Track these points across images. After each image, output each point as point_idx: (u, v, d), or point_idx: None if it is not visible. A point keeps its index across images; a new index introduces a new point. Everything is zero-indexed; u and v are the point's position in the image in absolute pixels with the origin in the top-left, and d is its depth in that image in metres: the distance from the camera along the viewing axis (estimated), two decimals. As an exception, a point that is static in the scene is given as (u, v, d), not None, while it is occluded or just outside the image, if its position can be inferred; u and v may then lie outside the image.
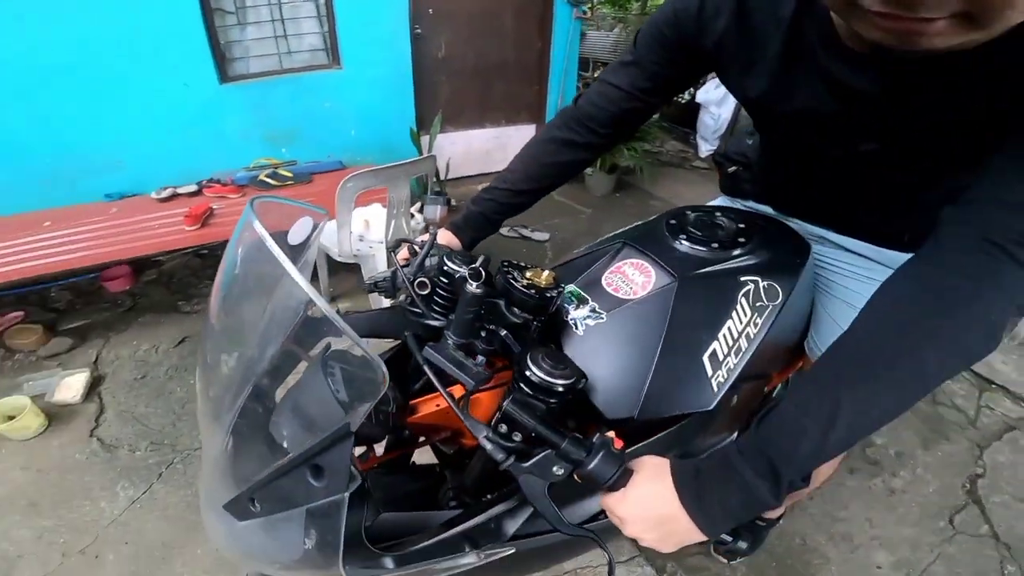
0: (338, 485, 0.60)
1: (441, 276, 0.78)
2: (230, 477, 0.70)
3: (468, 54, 3.75)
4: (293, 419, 0.68)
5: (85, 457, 1.96)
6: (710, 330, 0.80)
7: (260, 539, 0.69)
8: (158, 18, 2.81)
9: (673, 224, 0.95)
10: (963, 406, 2.23)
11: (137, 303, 2.83)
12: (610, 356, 0.80)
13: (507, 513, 0.76)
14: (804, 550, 1.66)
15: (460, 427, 0.85)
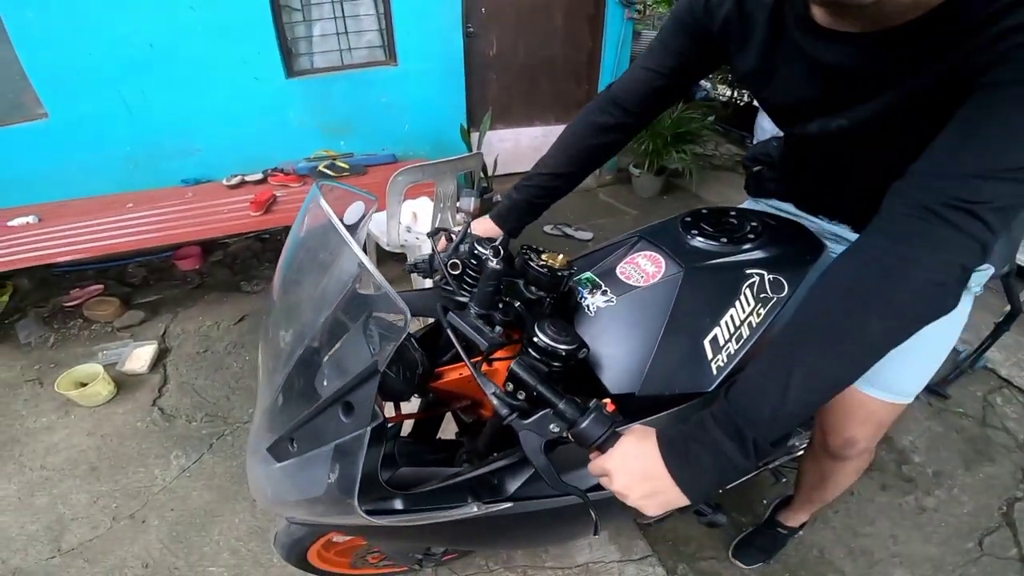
0: (363, 420, 0.70)
1: (471, 259, 0.87)
2: (277, 424, 0.83)
3: (519, 52, 3.77)
4: (334, 369, 0.79)
5: (145, 426, 2.13)
6: (713, 317, 0.86)
7: (292, 478, 0.80)
8: (234, 14, 2.99)
9: (688, 221, 1.01)
10: (1014, 430, 2.11)
11: (204, 281, 3.06)
12: (617, 336, 0.86)
13: (509, 471, 0.85)
14: (820, 562, 1.63)
15: (478, 396, 0.94)
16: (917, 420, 2.14)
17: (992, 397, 2.28)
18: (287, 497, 0.84)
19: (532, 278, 0.83)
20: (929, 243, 0.60)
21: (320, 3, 3.20)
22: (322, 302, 0.81)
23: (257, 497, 0.94)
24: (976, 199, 0.58)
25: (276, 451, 0.84)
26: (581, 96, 4.12)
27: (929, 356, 1.05)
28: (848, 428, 1.13)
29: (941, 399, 2.24)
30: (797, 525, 1.58)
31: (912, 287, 0.61)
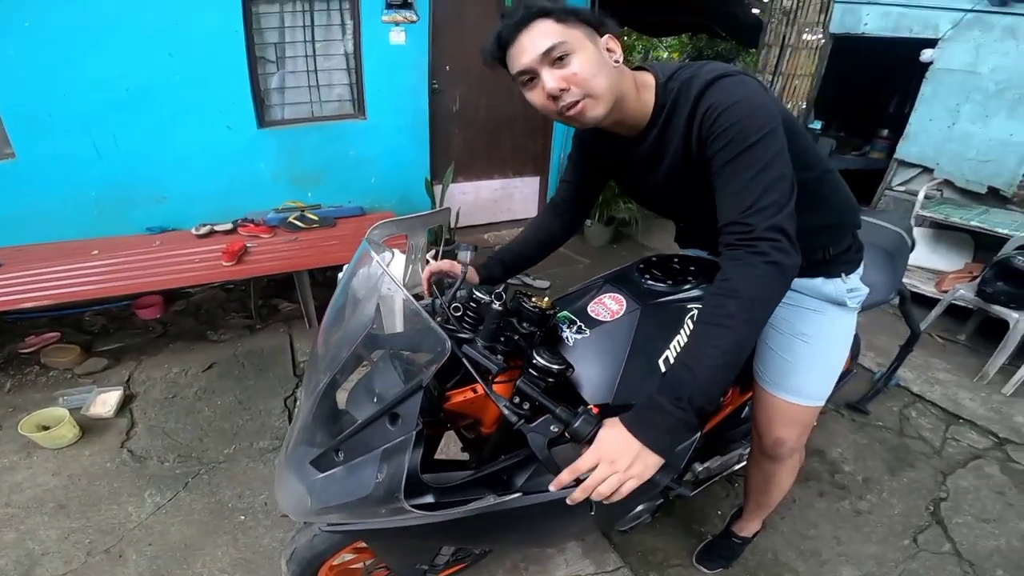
0: (409, 427, 0.88)
1: (470, 302, 1.07)
2: (319, 440, 1.01)
3: (480, 108, 4.05)
4: (381, 382, 1.00)
5: (115, 466, 2.12)
6: (664, 342, 1.10)
7: (337, 484, 0.96)
8: (211, 62, 3.10)
9: (641, 267, 1.28)
10: (929, 438, 2.41)
11: (168, 330, 3.05)
12: (592, 360, 1.07)
13: (516, 468, 1.04)
14: (775, 564, 1.81)
15: (480, 415, 1.12)
16: (843, 434, 2.41)
17: (907, 411, 2.60)
18: (331, 502, 0.97)
19: (525, 316, 1.02)
20: (744, 261, 0.91)
21: (294, 56, 3.38)
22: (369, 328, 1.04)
23: (293, 509, 1.07)
24: (749, 230, 0.90)
25: (320, 462, 0.99)
26: (536, 150, 4.43)
27: (827, 366, 1.33)
28: (775, 430, 1.37)
29: (862, 415, 2.53)
30: (751, 535, 1.76)
31: (748, 282, 0.89)
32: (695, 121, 0.98)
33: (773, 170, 0.92)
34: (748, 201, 0.91)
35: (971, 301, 3.08)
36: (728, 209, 0.94)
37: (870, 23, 4.44)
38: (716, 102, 0.95)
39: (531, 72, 0.97)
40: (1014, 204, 3.88)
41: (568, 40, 0.95)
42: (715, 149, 0.95)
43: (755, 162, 0.92)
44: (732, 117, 0.93)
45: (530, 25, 0.95)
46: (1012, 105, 3.88)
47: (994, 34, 3.89)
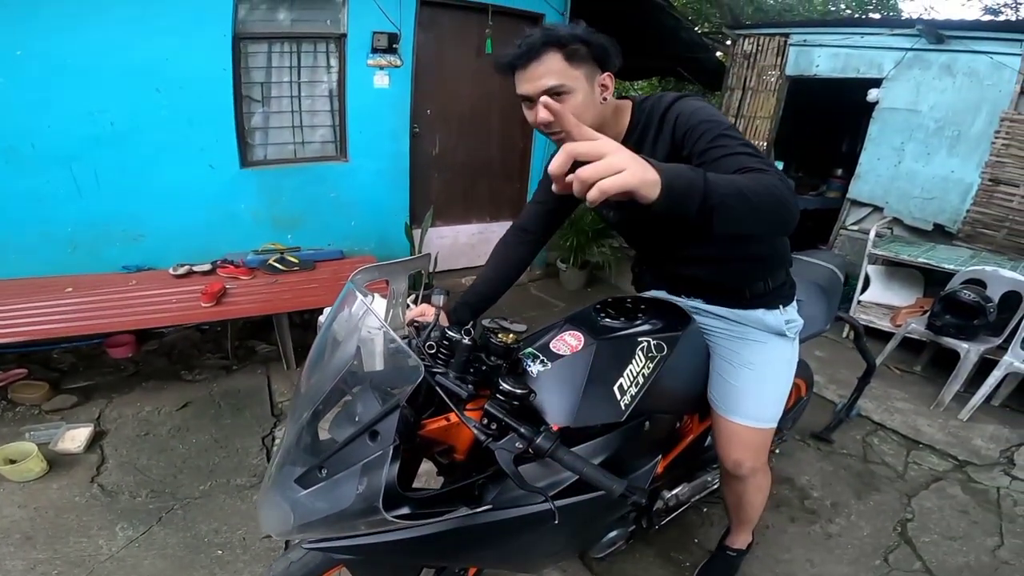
0: (387, 442, 0.95)
1: (443, 341, 1.16)
2: (304, 460, 1.07)
3: (458, 152, 4.15)
4: (361, 409, 1.07)
5: (85, 500, 2.08)
6: (618, 371, 1.24)
7: (321, 498, 1.01)
8: (197, 100, 3.13)
9: (598, 308, 1.42)
10: (892, 463, 2.53)
11: (140, 369, 3.01)
12: (554, 388, 1.19)
13: (488, 484, 1.13)
14: (753, 586, 1.86)
15: (454, 442, 1.19)
16: (810, 462, 2.50)
17: (870, 439, 2.72)
18: (313, 517, 1.02)
19: (492, 350, 1.13)
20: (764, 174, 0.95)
21: (279, 96, 3.46)
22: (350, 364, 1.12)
23: (275, 527, 1.10)
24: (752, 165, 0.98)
25: (305, 480, 1.05)
26: (513, 194, 4.54)
27: (774, 391, 1.47)
28: (733, 452, 1.49)
29: (827, 443, 2.64)
30: (743, 547, 1.84)
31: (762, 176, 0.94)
32: (668, 127, 1.16)
33: (749, 146, 1.06)
34: (741, 163, 0.99)
35: (923, 334, 3.26)
36: (732, 165, 1.00)
37: (822, 64, 4.76)
38: (684, 108, 1.14)
39: (530, 99, 1.14)
40: (959, 240, 4.14)
41: (568, 82, 1.10)
42: (694, 139, 1.10)
43: (733, 140, 1.06)
44: (700, 116, 1.11)
45: (541, 56, 1.09)
46: (951, 142, 4.17)
47: (932, 72, 4.21)
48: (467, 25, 3.81)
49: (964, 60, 4.04)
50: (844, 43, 4.60)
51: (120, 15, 2.86)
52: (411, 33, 3.57)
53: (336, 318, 1.19)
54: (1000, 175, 3.95)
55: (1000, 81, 3.90)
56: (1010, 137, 3.89)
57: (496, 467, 1.05)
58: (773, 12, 8.85)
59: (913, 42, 4.23)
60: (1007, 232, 3.93)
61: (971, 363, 3.00)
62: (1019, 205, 3.86)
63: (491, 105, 4.16)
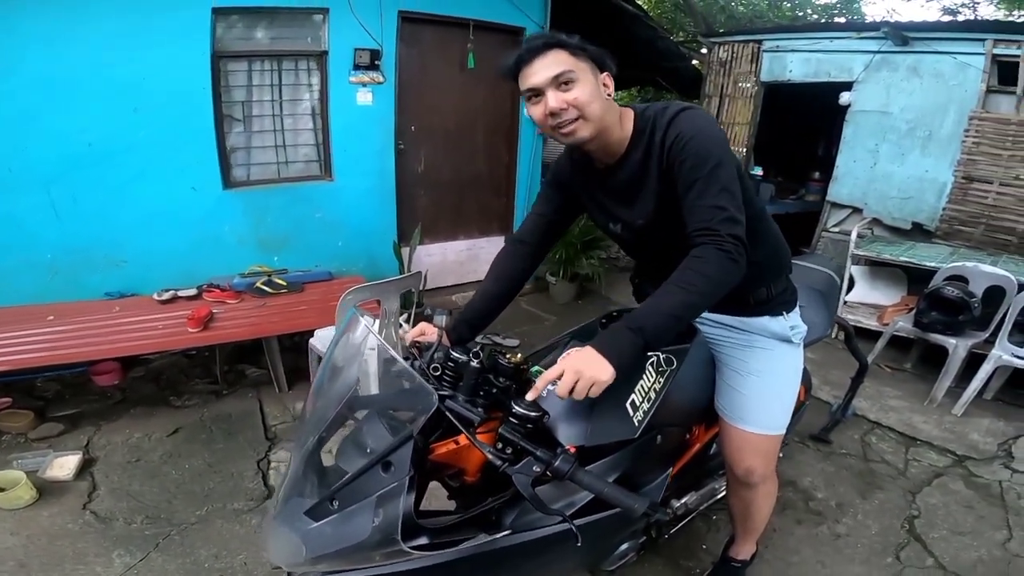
0: (401, 473, 0.93)
1: (448, 362, 1.14)
2: (313, 492, 1.04)
3: (444, 169, 4.14)
4: (370, 436, 1.04)
5: (78, 527, 2.02)
6: (629, 387, 1.20)
7: (333, 531, 0.98)
8: (177, 120, 3.07)
9: (604, 322, 1.39)
10: (892, 461, 2.55)
11: (127, 396, 2.93)
12: (564, 407, 1.16)
13: (505, 508, 1.10)
14: (766, 592, 1.85)
15: (464, 465, 1.16)
16: (811, 464, 2.51)
17: (868, 438, 2.74)
18: (327, 550, 0.98)
19: (501, 371, 1.11)
20: (703, 248, 1.09)
21: (261, 115, 3.42)
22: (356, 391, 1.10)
23: (286, 560, 1.06)
24: (709, 228, 1.09)
25: (315, 512, 1.01)
26: (500, 208, 4.53)
27: (782, 397, 1.47)
28: (744, 460, 1.48)
29: (826, 444, 2.65)
30: (748, 558, 1.81)
31: (707, 263, 1.08)
32: (666, 144, 1.17)
33: (731, 188, 1.12)
34: (714, 212, 1.10)
35: (911, 331, 3.31)
36: (698, 218, 1.12)
37: (795, 70, 4.85)
38: (682, 130, 1.15)
39: (538, 90, 1.15)
40: (938, 237, 4.23)
41: (575, 70, 1.13)
42: (682, 171, 1.14)
43: (717, 181, 1.11)
44: (696, 144, 1.13)
45: (546, 53, 1.13)
46: (923, 143, 4.27)
47: (900, 73, 4.32)
48: (449, 40, 3.82)
49: (929, 61, 4.16)
50: (815, 48, 4.71)
51: (95, 34, 2.82)
52: (393, 49, 3.57)
53: (340, 343, 1.16)
54: (973, 173, 4.05)
55: (965, 81, 4.01)
56: (980, 135, 3.99)
57: (511, 490, 1.03)
58: (744, 19, 9.05)
59: (880, 45, 4.34)
60: (984, 228, 4.02)
61: (960, 358, 3.04)
62: (994, 201, 3.96)
63: (475, 120, 4.17)
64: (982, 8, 9.84)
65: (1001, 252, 3.83)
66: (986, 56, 3.87)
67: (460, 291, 4.46)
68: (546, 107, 1.15)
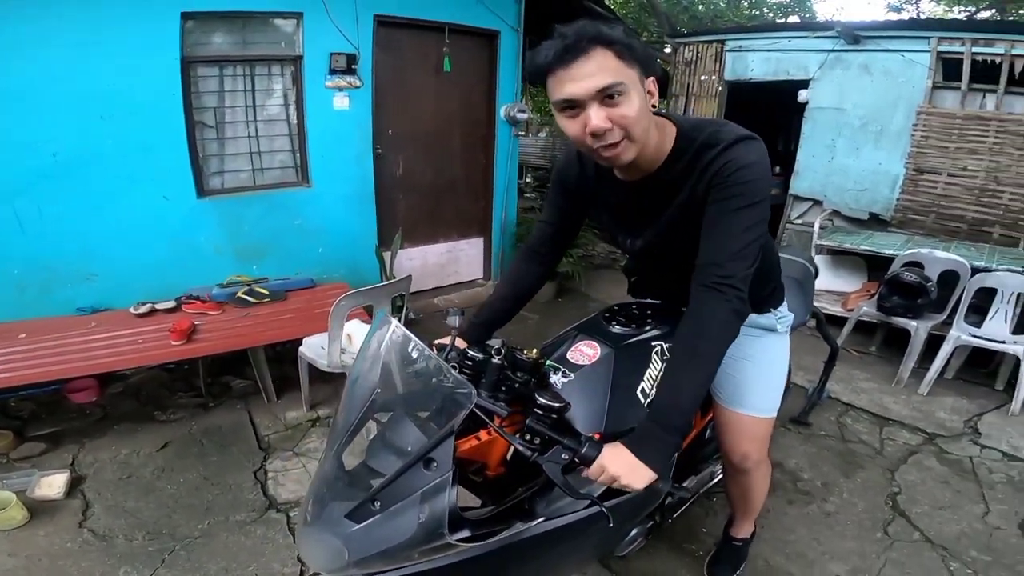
0: (445, 469, 0.95)
1: (466, 360, 1.19)
2: (351, 494, 1.04)
3: (422, 172, 4.12)
4: (403, 436, 1.07)
5: (78, 546, 1.98)
6: (638, 375, 1.28)
7: (377, 531, 0.99)
8: (146, 127, 2.97)
9: (607, 316, 1.47)
10: (868, 440, 2.70)
11: (108, 413, 2.84)
12: (580, 398, 1.22)
13: (537, 497, 1.16)
14: (770, 570, 1.95)
15: (486, 459, 1.21)
16: (795, 446, 2.64)
17: (843, 419, 2.91)
18: (372, 551, 0.99)
19: (520, 366, 1.16)
20: (713, 304, 1.06)
21: (234, 122, 3.35)
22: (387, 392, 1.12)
23: (327, 565, 1.05)
24: (726, 274, 1.06)
25: (357, 514, 1.01)
26: (479, 211, 4.54)
27: (773, 382, 1.56)
28: (741, 445, 1.55)
29: (806, 427, 2.79)
30: (748, 535, 1.91)
31: (716, 327, 1.06)
32: (712, 167, 1.08)
33: (757, 231, 1.08)
34: (733, 248, 1.06)
35: (874, 316, 3.51)
36: (714, 249, 1.08)
37: (756, 68, 5.06)
38: (737, 157, 1.06)
39: (577, 103, 0.99)
40: (893, 226, 4.49)
41: (625, 81, 0.97)
42: (720, 196, 1.07)
43: (748, 220, 1.07)
44: (746, 176, 1.05)
45: (590, 52, 0.95)
46: (876, 137, 4.52)
47: (852, 71, 4.56)
48: (425, 44, 3.82)
49: (880, 59, 4.41)
50: (774, 47, 4.92)
51: (58, 40, 2.70)
52: (370, 53, 3.54)
53: (369, 346, 1.17)
54: (922, 164, 4.32)
55: (913, 77, 4.28)
56: (927, 129, 4.26)
57: (542, 479, 1.09)
58: (706, 19, 9.32)
59: (833, 43, 4.57)
60: (935, 216, 4.29)
61: (921, 340, 3.24)
62: (943, 191, 4.24)
63: (452, 123, 4.17)
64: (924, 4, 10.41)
65: (952, 238, 4.10)
66: (931, 53, 4.13)
67: (441, 293, 4.46)
68: (587, 124, 0.99)
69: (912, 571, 1.95)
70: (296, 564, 1.89)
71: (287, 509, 2.18)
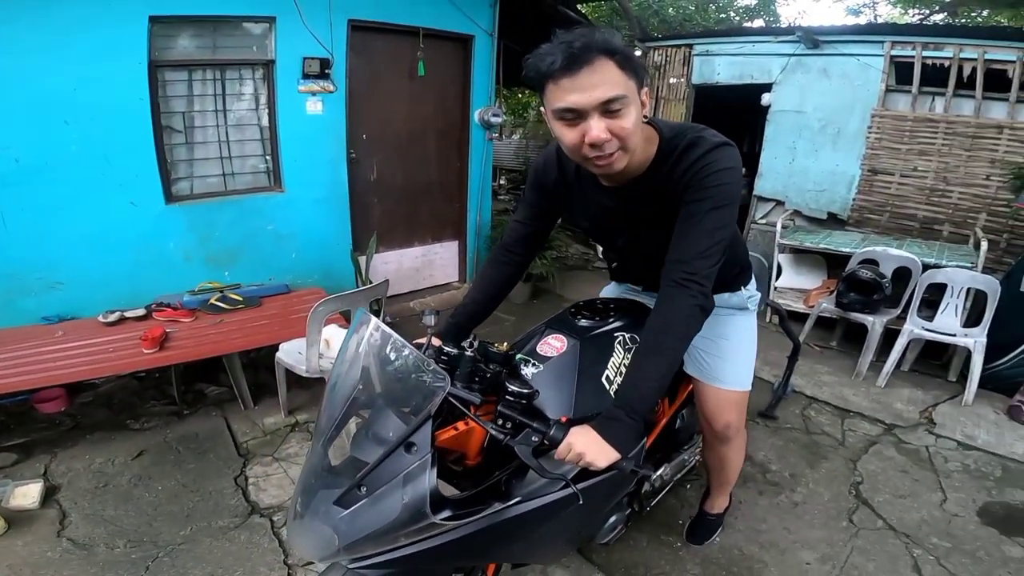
0: (424, 451, 1.03)
1: (442, 356, 1.25)
2: (339, 482, 1.10)
3: (397, 176, 4.12)
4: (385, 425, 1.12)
5: (58, 555, 1.96)
6: (602, 364, 1.38)
7: (364, 515, 1.06)
8: (112, 132, 2.90)
9: (573, 311, 1.57)
10: (831, 432, 2.83)
11: (79, 422, 2.79)
12: (550, 386, 1.31)
13: (512, 480, 1.23)
14: (744, 558, 2.04)
15: (464, 448, 1.27)
16: (763, 439, 2.76)
17: (807, 412, 3.04)
18: (360, 534, 1.05)
19: (492, 357, 1.25)
20: (680, 299, 1.14)
21: (204, 126, 3.30)
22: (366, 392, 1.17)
23: (320, 553, 1.13)
24: (692, 271, 1.13)
25: (344, 500, 1.08)
26: (453, 214, 4.56)
27: (747, 356, 1.69)
28: (722, 416, 1.68)
29: (772, 420, 2.91)
30: (722, 510, 2.06)
31: (681, 321, 1.15)
32: (691, 170, 1.15)
33: (725, 232, 1.17)
34: (701, 248, 1.14)
35: (834, 312, 3.67)
36: (683, 247, 1.16)
37: (722, 72, 5.20)
38: (713, 161, 1.13)
39: (578, 113, 1.02)
40: (850, 225, 4.68)
41: (627, 94, 1.01)
42: (694, 197, 1.15)
43: (718, 221, 1.15)
44: (719, 179, 1.13)
45: (595, 63, 0.97)
46: (833, 139, 4.71)
47: (812, 75, 4.74)
48: (399, 48, 3.82)
49: (838, 63, 4.59)
50: (739, 51, 5.07)
51: (20, 43, 2.63)
52: (343, 58, 3.53)
53: (350, 345, 1.22)
54: (877, 166, 4.52)
55: (868, 81, 4.46)
56: (881, 131, 4.46)
57: (515, 464, 1.17)
58: (675, 23, 9.49)
59: (795, 48, 4.73)
60: (889, 215, 4.49)
61: (878, 334, 3.41)
62: (896, 191, 4.44)
63: (427, 127, 4.18)
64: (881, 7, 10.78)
65: (905, 236, 4.30)
66: (885, 57, 4.31)
67: (417, 297, 4.47)
68: (586, 134, 1.03)
69: (878, 558, 2.05)
70: (283, 568, 1.90)
71: (270, 514, 2.19)
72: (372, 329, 1.19)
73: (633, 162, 1.17)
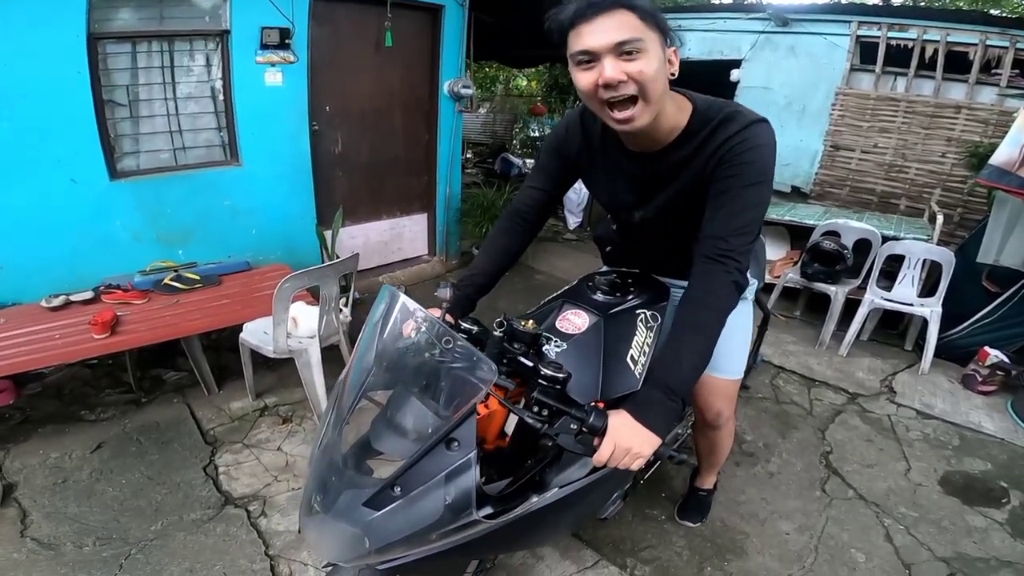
0: (468, 448, 0.96)
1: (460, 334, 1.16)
2: (367, 482, 1.03)
3: (363, 149, 3.97)
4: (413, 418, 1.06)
5: (24, 556, 1.85)
6: (627, 343, 1.31)
7: (400, 517, 0.98)
8: (47, 107, 2.69)
9: (590, 285, 1.50)
10: (799, 401, 2.92)
11: (29, 416, 2.61)
12: (575, 366, 1.22)
13: (547, 469, 1.18)
14: (727, 529, 2.08)
15: (484, 434, 1.21)
16: (737, 409, 2.80)
17: (776, 381, 3.12)
18: (395, 537, 0.99)
19: (520, 338, 1.17)
20: (716, 276, 1.11)
21: (150, 99, 3.08)
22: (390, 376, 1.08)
23: (346, 555, 1.05)
24: (729, 248, 1.10)
25: (376, 501, 1.00)
26: (421, 187, 4.45)
27: (741, 345, 1.66)
28: (714, 404, 1.67)
29: (745, 390, 2.96)
30: (711, 487, 2.10)
31: (717, 298, 1.11)
32: (725, 146, 1.12)
33: (760, 209, 1.15)
34: (737, 224, 1.12)
35: (798, 282, 3.76)
36: (719, 223, 1.12)
37: (693, 48, 5.20)
38: (750, 137, 1.11)
39: (593, 55, 1.01)
40: (813, 199, 4.80)
41: (644, 39, 1.00)
42: (730, 173, 1.12)
43: (754, 198, 1.13)
44: (756, 156, 1.10)
45: (613, 12, 0.99)
46: (798, 116, 4.80)
47: (780, 53, 4.80)
48: (365, 18, 3.62)
49: (805, 42, 4.64)
50: (711, 28, 5.07)
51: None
52: (305, 28, 3.32)
53: (375, 327, 1.11)
54: (839, 142, 4.63)
55: (833, 60, 4.54)
56: (844, 109, 4.55)
57: (551, 452, 1.13)
58: (652, -2, 9.34)
59: (764, 25, 4.76)
60: (849, 190, 4.62)
61: (840, 303, 3.51)
62: (856, 167, 4.56)
63: (393, 100, 4.03)
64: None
65: (865, 210, 4.43)
66: (851, 37, 4.38)
67: (386, 271, 4.37)
68: (600, 75, 1.01)
69: (851, 528, 2.12)
70: (265, 559, 1.84)
71: (245, 503, 2.11)
72: (406, 310, 1.07)
73: (662, 127, 1.15)
